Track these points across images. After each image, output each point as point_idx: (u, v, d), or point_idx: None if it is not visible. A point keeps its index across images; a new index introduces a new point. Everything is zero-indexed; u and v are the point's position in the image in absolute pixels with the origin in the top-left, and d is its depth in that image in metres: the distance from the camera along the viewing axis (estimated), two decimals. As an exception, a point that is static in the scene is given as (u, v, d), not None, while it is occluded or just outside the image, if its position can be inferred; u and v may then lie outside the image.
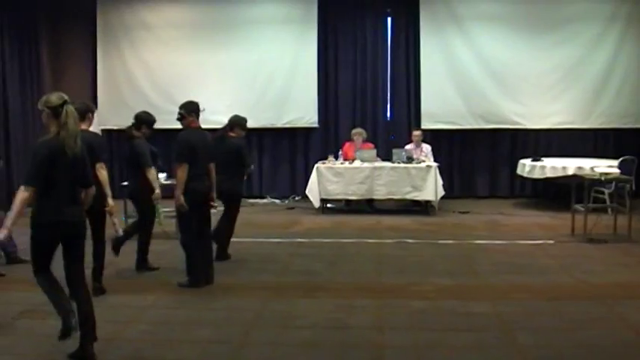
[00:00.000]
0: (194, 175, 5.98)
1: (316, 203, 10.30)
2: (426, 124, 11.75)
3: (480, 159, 12.13)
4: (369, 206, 10.72)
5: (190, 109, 6.13)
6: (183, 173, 5.93)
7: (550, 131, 11.82)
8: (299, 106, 11.98)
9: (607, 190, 9.58)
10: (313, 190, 10.28)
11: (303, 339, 4.75)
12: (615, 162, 9.58)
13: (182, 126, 6.21)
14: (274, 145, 12.21)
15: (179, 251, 6.26)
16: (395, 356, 4.44)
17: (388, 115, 12.31)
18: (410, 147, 10.76)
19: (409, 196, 10.24)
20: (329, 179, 10.17)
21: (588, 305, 5.45)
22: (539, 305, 5.47)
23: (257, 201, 11.84)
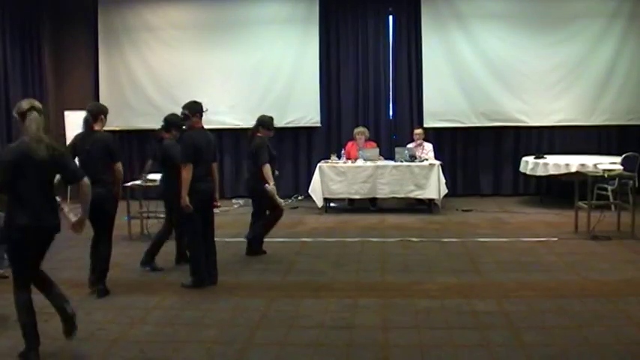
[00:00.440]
0: (198, 176, 5.99)
1: (319, 203, 10.30)
2: (429, 123, 11.75)
3: (483, 157, 12.12)
4: (373, 205, 10.72)
5: (194, 110, 6.14)
6: (188, 174, 5.93)
7: (553, 129, 11.83)
8: (301, 106, 11.98)
9: (610, 187, 9.60)
10: (316, 190, 10.28)
11: (308, 339, 4.74)
12: (618, 159, 9.57)
13: (185, 126, 6.22)
14: (277, 145, 12.11)
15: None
16: (400, 355, 4.43)
17: (391, 114, 12.30)
18: (412, 145, 10.75)
19: (412, 195, 10.23)
20: (332, 178, 10.17)
21: (594, 303, 5.43)
22: (544, 303, 5.45)
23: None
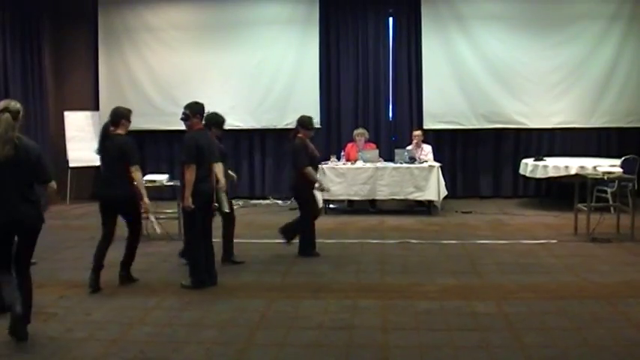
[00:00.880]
0: (200, 177, 5.99)
1: (319, 204, 10.27)
2: (429, 124, 11.75)
3: (483, 159, 12.12)
4: (372, 207, 10.72)
5: (196, 111, 6.14)
6: (191, 175, 5.93)
7: (553, 131, 11.83)
8: (301, 107, 11.85)
9: (610, 190, 9.59)
10: (316, 191, 10.24)
11: (308, 340, 4.74)
12: (618, 161, 9.57)
13: (185, 127, 6.21)
14: (277, 146, 12.19)
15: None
16: (400, 356, 4.43)
17: (390, 116, 12.31)
18: (411, 147, 10.74)
19: (412, 197, 10.23)
20: (332, 180, 10.16)
21: (593, 304, 5.43)
22: (544, 305, 5.45)
23: (260, 202, 11.88)
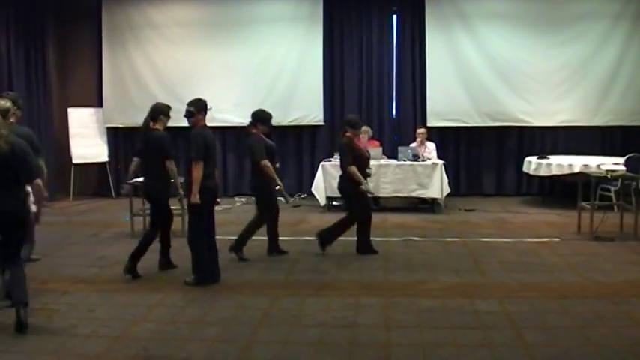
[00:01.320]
0: (206, 174, 6.01)
1: (322, 201, 10.30)
2: (432, 122, 11.74)
3: (487, 157, 12.12)
4: (375, 204, 10.70)
5: (200, 107, 6.15)
6: (199, 171, 5.93)
7: (556, 129, 11.82)
8: (305, 104, 11.98)
9: (613, 188, 9.58)
10: (319, 188, 10.28)
11: (310, 337, 4.75)
12: (621, 160, 9.54)
13: (189, 123, 6.21)
14: (280, 144, 12.09)
15: (185, 249, 6.28)
16: (402, 354, 4.43)
17: (394, 113, 12.29)
18: (414, 145, 10.74)
19: (415, 194, 10.23)
20: (335, 177, 10.05)
21: (596, 303, 5.43)
22: (546, 303, 5.46)
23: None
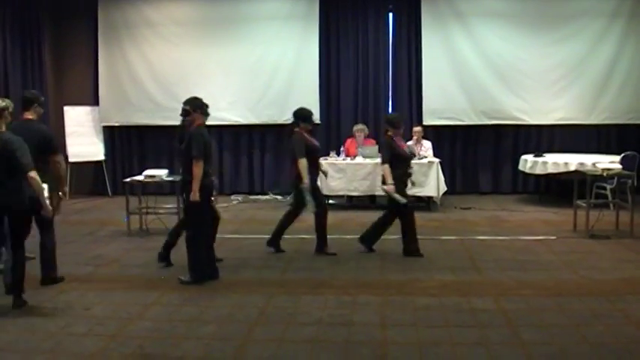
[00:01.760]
0: (206, 172, 6.02)
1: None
2: (428, 120, 11.75)
3: (483, 155, 12.13)
4: (372, 202, 10.71)
5: (196, 106, 6.15)
6: (200, 169, 5.94)
7: (553, 127, 11.84)
8: (301, 103, 11.70)
9: (609, 186, 9.60)
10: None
11: (306, 336, 4.75)
12: (617, 158, 9.58)
13: (185, 122, 6.20)
14: (276, 142, 12.19)
15: (182, 247, 6.27)
16: (399, 353, 4.43)
17: (390, 111, 12.26)
18: (410, 143, 10.72)
19: (411, 192, 10.15)
20: (331, 175, 10.12)
21: (592, 301, 5.44)
22: (542, 301, 5.46)
23: (259, 197, 11.89)
